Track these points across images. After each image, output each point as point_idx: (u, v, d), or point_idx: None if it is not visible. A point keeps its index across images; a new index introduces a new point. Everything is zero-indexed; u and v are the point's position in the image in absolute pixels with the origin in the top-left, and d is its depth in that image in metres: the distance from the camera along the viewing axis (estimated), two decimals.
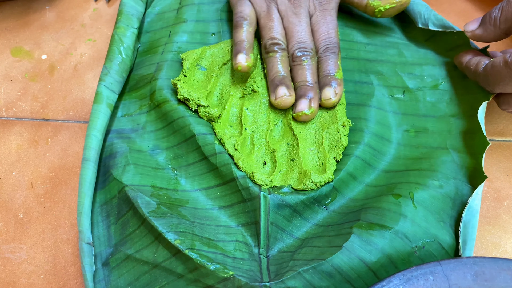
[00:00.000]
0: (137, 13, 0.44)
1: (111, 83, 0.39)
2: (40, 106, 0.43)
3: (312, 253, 0.30)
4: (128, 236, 0.33)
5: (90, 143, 0.35)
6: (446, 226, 0.31)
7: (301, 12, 0.40)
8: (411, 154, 0.36)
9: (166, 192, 0.35)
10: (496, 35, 0.33)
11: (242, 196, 0.34)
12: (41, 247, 0.35)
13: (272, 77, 0.38)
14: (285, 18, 0.40)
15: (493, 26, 0.33)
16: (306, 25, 0.40)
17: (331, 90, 0.37)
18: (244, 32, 0.39)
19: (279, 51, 0.39)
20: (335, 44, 0.39)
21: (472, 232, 0.31)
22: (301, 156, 0.36)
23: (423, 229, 0.31)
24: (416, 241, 0.30)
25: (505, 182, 0.36)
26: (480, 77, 0.34)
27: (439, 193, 0.32)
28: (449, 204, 0.32)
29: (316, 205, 0.34)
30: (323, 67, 0.38)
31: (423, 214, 0.31)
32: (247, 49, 0.38)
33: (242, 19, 0.40)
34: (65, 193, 0.38)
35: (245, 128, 0.37)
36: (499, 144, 0.38)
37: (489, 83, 0.33)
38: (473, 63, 0.35)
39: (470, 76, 0.35)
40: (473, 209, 0.31)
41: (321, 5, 0.41)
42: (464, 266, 0.26)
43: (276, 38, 0.39)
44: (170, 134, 0.38)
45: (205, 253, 0.31)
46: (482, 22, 0.34)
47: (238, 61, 0.38)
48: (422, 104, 0.38)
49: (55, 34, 0.48)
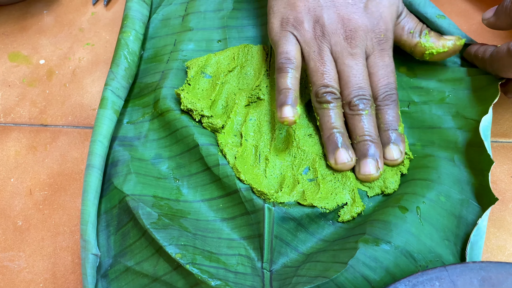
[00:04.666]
0: (142, 17, 0.44)
1: (118, 88, 0.38)
2: (38, 111, 0.42)
3: (316, 269, 0.30)
4: (128, 247, 0.33)
5: (95, 149, 0.35)
6: (451, 245, 0.31)
7: (358, 52, 0.35)
8: (417, 164, 0.35)
9: (167, 202, 0.35)
10: (508, 24, 0.35)
11: (245, 208, 0.33)
12: (40, 255, 0.35)
13: (328, 134, 0.34)
14: (339, 60, 0.35)
15: (505, 15, 0.34)
16: (363, 67, 0.35)
17: (397, 149, 0.34)
18: (290, 78, 0.34)
19: (334, 102, 0.34)
20: (394, 91, 0.35)
21: (478, 253, 0.30)
22: (321, 176, 0.34)
23: (428, 247, 0.30)
24: (420, 260, 0.29)
25: (510, 184, 0.36)
26: (487, 63, 0.35)
27: (445, 209, 0.32)
28: (454, 222, 0.31)
29: (323, 219, 0.33)
30: (384, 118, 0.35)
31: (429, 231, 0.30)
32: (293, 100, 0.33)
33: (288, 62, 0.35)
34: (64, 199, 0.37)
35: (246, 139, 0.36)
36: (503, 146, 0.38)
37: (494, 69, 0.35)
38: (481, 51, 0.36)
39: (479, 64, 0.37)
40: (481, 230, 0.30)
41: (379, 44, 0.36)
42: (470, 271, 0.25)
43: (330, 85, 0.34)
44: (173, 143, 0.38)
45: (206, 268, 0.30)
46: (497, 11, 0.35)
47: (284, 116, 0.33)
48: (428, 117, 0.37)
49: (53, 38, 0.47)
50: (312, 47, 0.35)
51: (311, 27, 0.36)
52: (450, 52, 0.37)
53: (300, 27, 0.36)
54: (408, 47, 0.38)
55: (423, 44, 0.37)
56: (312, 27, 0.36)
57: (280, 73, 0.35)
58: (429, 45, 0.37)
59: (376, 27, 0.36)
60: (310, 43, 0.36)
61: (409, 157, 0.35)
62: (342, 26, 0.35)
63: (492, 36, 0.44)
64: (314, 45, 0.35)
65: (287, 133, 0.37)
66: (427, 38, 0.37)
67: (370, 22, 0.35)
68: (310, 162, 0.35)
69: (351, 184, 0.34)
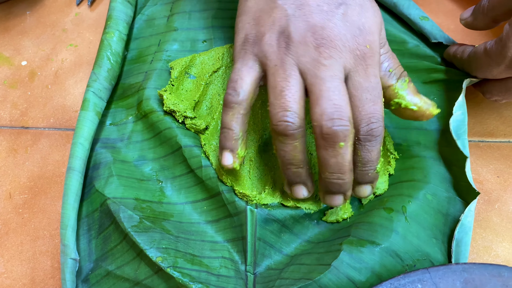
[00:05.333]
0: (126, 17, 0.43)
1: (100, 90, 0.38)
2: (19, 113, 0.42)
3: (300, 272, 0.29)
4: (109, 251, 0.32)
5: (76, 152, 0.34)
6: (439, 243, 0.30)
7: (333, 64, 0.28)
8: (403, 165, 0.35)
9: (150, 205, 0.34)
10: (485, 23, 0.35)
11: (228, 210, 0.33)
12: (19, 259, 0.34)
13: (284, 168, 0.30)
14: (309, 72, 0.28)
15: (482, 14, 0.34)
16: (341, 84, 0.27)
17: (369, 188, 0.30)
18: (232, 115, 0.30)
19: (295, 131, 0.28)
20: (380, 122, 0.28)
21: (465, 250, 0.30)
22: None
23: (415, 247, 0.29)
24: (407, 259, 0.29)
25: (496, 184, 0.35)
26: (465, 63, 0.35)
27: (432, 208, 0.31)
28: (441, 220, 0.31)
29: (307, 220, 0.33)
30: (363, 157, 0.29)
31: (416, 230, 0.30)
32: (233, 143, 0.30)
33: (233, 94, 0.30)
34: (44, 203, 0.37)
35: None
36: (489, 145, 0.37)
37: (472, 69, 0.35)
38: (459, 51, 0.36)
39: (458, 64, 0.37)
40: (465, 226, 0.30)
41: (363, 58, 0.28)
42: (453, 273, 0.25)
43: (290, 110, 0.27)
44: (157, 145, 0.37)
45: (187, 271, 0.30)
46: (474, 11, 0.35)
47: (222, 163, 0.30)
48: None
49: (36, 39, 0.47)
50: (272, 61, 0.29)
51: (275, 39, 0.29)
52: (418, 114, 0.30)
53: (261, 42, 0.30)
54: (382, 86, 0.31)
55: (396, 89, 0.30)
56: (276, 40, 0.29)
57: (223, 107, 0.30)
58: (402, 94, 0.30)
59: (360, 37, 0.28)
60: (271, 57, 0.29)
61: (395, 156, 0.35)
62: (313, 35, 0.28)
63: (479, 36, 0.44)
64: (276, 59, 0.29)
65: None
66: (404, 86, 0.30)
67: (350, 32, 0.28)
68: None
69: None
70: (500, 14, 0.33)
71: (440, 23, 0.45)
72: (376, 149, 0.29)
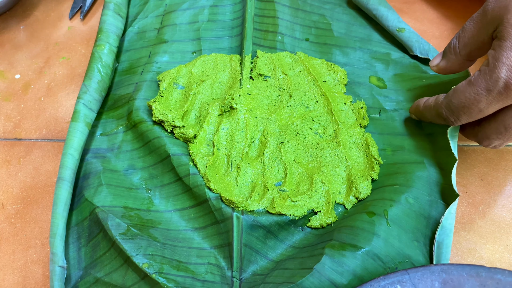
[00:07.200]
0: (117, 30, 0.44)
1: (90, 101, 0.39)
2: (12, 125, 0.42)
3: (283, 276, 0.30)
4: (98, 258, 0.33)
5: (66, 162, 0.35)
6: (420, 246, 0.31)
7: None
8: (387, 171, 0.35)
9: (138, 212, 0.35)
10: (460, 64, 0.33)
11: (215, 217, 0.33)
12: (11, 268, 0.35)
13: None
14: None
15: (455, 55, 0.33)
16: None
17: None
18: None
19: None
20: None
21: (446, 252, 0.30)
22: (290, 186, 0.35)
23: (396, 249, 0.30)
24: (388, 262, 0.29)
25: (480, 187, 0.36)
26: (443, 107, 0.31)
27: (413, 211, 0.32)
28: (423, 223, 0.32)
29: (292, 226, 0.33)
30: None
31: (397, 233, 0.31)
32: None
33: None
34: (36, 212, 0.37)
35: (218, 149, 0.37)
36: (473, 149, 0.38)
37: (453, 110, 0.30)
38: (431, 100, 0.33)
39: (431, 115, 0.33)
40: (446, 228, 0.30)
41: None
42: (432, 274, 0.25)
43: None
44: (146, 154, 0.38)
45: (173, 277, 0.30)
46: (444, 54, 0.34)
47: None
48: (398, 123, 0.38)
49: (29, 53, 0.48)
50: None
51: None
52: None
53: None
54: None
55: None
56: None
57: None
58: None
59: None
60: None
61: (379, 162, 0.36)
62: None
63: None
64: None
65: (260, 141, 0.37)
66: None
67: None
68: (282, 170, 0.35)
69: (327, 196, 0.34)
70: (474, 49, 0.32)
71: (425, 30, 0.46)
72: None
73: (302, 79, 0.41)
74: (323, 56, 0.43)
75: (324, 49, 0.44)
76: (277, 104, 0.39)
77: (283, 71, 0.41)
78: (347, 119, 0.38)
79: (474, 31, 0.31)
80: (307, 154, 0.36)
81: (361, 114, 0.38)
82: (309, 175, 0.35)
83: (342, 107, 0.39)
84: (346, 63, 0.42)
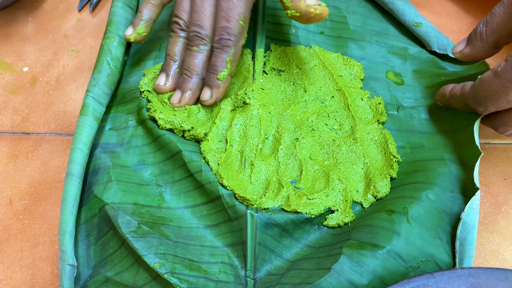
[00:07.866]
0: (126, 22, 0.43)
1: (99, 95, 0.38)
2: (20, 119, 0.41)
3: (300, 277, 0.28)
4: (108, 257, 0.32)
5: (75, 157, 0.34)
6: (443, 244, 0.30)
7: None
8: (406, 169, 0.34)
9: (149, 209, 0.34)
10: (485, 51, 0.32)
11: (228, 214, 0.32)
12: (19, 266, 0.34)
13: (165, 58, 0.38)
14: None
15: (481, 41, 0.31)
16: (209, 6, 0.36)
17: (208, 92, 0.36)
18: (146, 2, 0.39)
19: (178, 31, 0.37)
20: (231, 36, 0.35)
21: (469, 249, 0.29)
22: (307, 183, 0.34)
23: (418, 248, 0.29)
24: (410, 261, 0.28)
25: (502, 187, 0.35)
26: (470, 98, 0.31)
27: (435, 208, 0.31)
28: (445, 220, 0.30)
29: (308, 224, 0.32)
30: (211, 61, 0.36)
31: (418, 231, 0.29)
32: (137, 21, 0.38)
33: None
34: (45, 209, 0.36)
35: (231, 145, 0.35)
36: (495, 147, 0.37)
37: (480, 101, 0.30)
38: (457, 89, 0.32)
39: (458, 104, 0.33)
40: (468, 224, 0.29)
41: None
42: (458, 278, 0.24)
43: (178, 16, 0.37)
44: (157, 150, 0.37)
45: (185, 277, 0.29)
46: (469, 40, 0.32)
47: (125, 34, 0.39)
48: (417, 121, 0.37)
49: (38, 45, 0.47)
50: None
51: None
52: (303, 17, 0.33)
53: None
54: None
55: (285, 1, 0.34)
56: None
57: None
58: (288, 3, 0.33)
59: None
60: None
61: (398, 160, 0.34)
62: None
63: None
64: None
65: (274, 138, 0.36)
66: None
67: None
68: (297, 167, 0.34)
69: (345, 194, 0.33)
70: (503, 36, 0.30)
71: (444, 25, 0.45)
72: (221, 57, 0.35)
73: (317, 73, 0.39)
74: (338, 49, 0.42)
75: (340, 42, 0.42)
76: (291, 99, 0.38)
77: (298, 65, 0.40)
78: (364, 115, 0.37)
79: (504, 16, 0.29)
80: (323, 151, 0.35)
81: (378, 110, 0.37)
82: (326, 172, 0.34)
83: (359, 103, 0.38)
84: (362, 57, 0.41)
